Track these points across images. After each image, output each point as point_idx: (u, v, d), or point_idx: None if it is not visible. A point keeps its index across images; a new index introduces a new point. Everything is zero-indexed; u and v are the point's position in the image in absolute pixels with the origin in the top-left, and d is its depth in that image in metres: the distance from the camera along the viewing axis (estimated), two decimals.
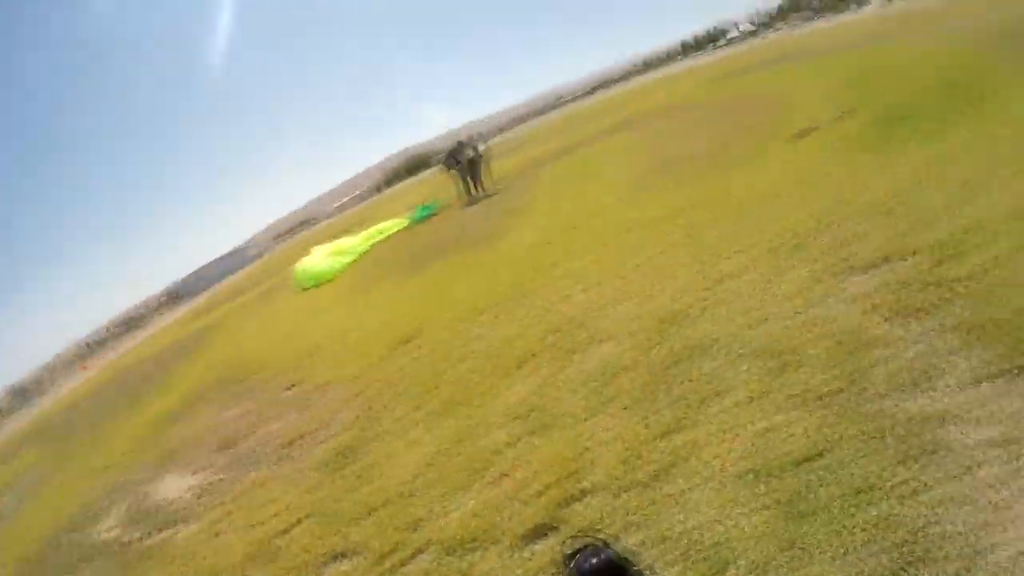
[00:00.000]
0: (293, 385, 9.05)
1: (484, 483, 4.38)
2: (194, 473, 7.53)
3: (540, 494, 3.94)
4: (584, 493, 3.79)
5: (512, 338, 6.72)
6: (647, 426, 4.07)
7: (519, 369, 5.90)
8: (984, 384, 3.36)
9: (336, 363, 9.01)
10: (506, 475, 4.33)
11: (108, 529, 7.17)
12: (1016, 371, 3.36)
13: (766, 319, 4.79)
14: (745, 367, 4.25)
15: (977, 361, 3.52)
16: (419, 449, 5.31)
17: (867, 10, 62.61)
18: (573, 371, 5.33)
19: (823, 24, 60.81)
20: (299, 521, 5.23)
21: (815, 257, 5.53)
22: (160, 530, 6.41)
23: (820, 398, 3.67)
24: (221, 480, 7.06)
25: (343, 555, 4.48)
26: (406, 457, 5.29)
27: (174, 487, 7.41)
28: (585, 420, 4.49)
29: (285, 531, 5.18)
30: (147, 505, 7.27)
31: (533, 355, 6.04)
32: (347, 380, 8.03)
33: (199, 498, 6.73)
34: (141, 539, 6.45)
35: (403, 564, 4.02)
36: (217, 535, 5.65)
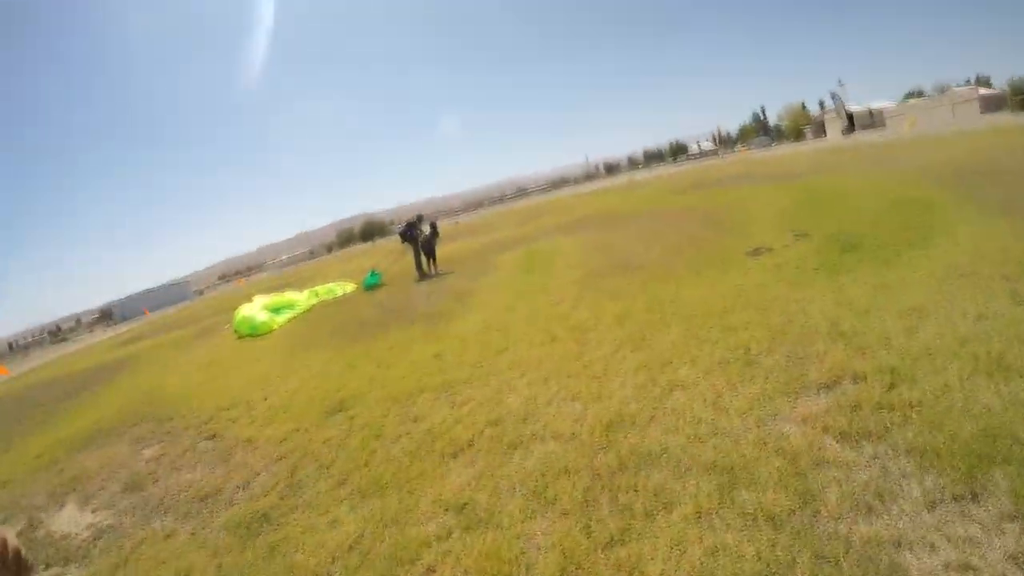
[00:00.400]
0: (214, 435, 8.55)
1: None
2: (95, 511, 6.91)
3: None
4: None
5: (451, 424, 6.42)
6: (589, 535, 3.82)
7: (455, 458, 5.60)
8: (939, 509, 3.33)
9: (262, 421, 8.57)
10: (433, 570, 3.99)
11: None
12: (970, 496, 3.36)
13: (716, 433, 4.65)
14: (694, 481, 4.07)
15: (931, 485, 3.50)
16: (341, 528, 4.92)
17: (820, 142, 65.98)
18: (513, 467, 5.06)
19: (780, 150, 63.73)
20: None
21: (766, 375, 5.47)
22: (48, 567, 5.79)
23: (772, 518, 3.51)
24: (122, 524, 6.53)
25: None
26: (326, 536, 4.89)
27: (71, 521, 6.78)
28: (523, 521, 4.21)
29: None
30: (40, 535, 6.61)
31: (471, 445, 5.77)
32: (271, 441, 7.60)
33: (96, 539, 6.12)
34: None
35: None
36: None
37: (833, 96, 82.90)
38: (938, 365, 4.86)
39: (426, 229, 21.53)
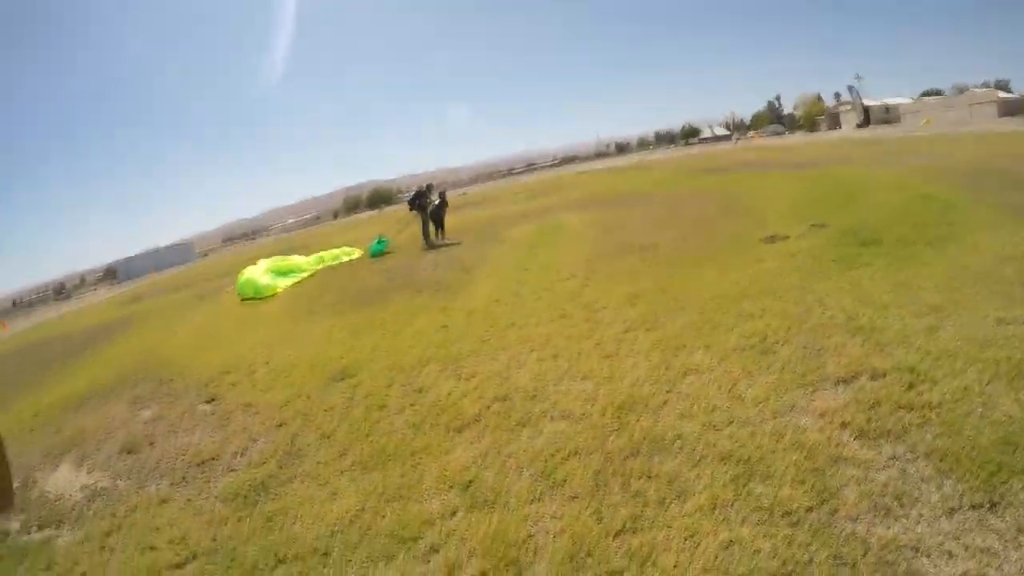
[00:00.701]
0: (213, 399, 8.46)
1: (411, 556, 3.89)
2: (90, 471, 6.83)
3: None
4: None
5: (457, 397, 6.29)
6: (599, 520, 3.72)
7: (461, 433, 5.47)
8: (957, 516, 3.24)
9: (263, 385, 8.46)
10: (436, 550, 3.87)
11: None
12: (988, 505, 3.27)
13: (731, 422, 4.54)
14: (709, 470, 3.97)
15: (950, 491, 3.41)
16: (341, 501, 4.80)
17: (834, 133, 65.44)
18: (521, 445, 4.94)
19: (793, 139, 63.17)
20: (195, 556, 4.64)
21: (783, 365, 5.35)
22: (41, 528, 5.70)
23: (788, 514, 3.42)
24: (117, 487, 6.46)
25: None
26: (325, 508, 4.77)
27: (66, 481, 6.70)
28: (531, 503, 4.10)
29: (177, 565, 4.60)
30: (33, 495, 6.52)
31: (478, 420, 5.63)
32: (271, 407, 7.48)
33: (90, 501, 6.03)
34: (20, 532, 5.73)
35: None
36: (102, 549, 5.01)
37: (850, 88, 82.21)
38: (958, 368, 4.73)
39: (435, 198, 21.39)
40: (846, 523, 3.30)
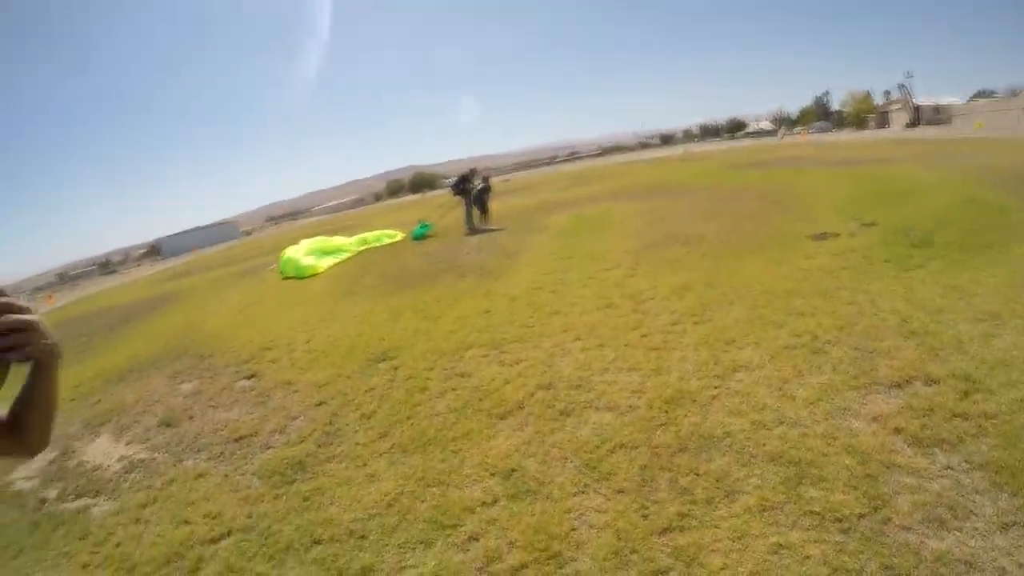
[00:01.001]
0: (253, 375, 8.55)
1: (449, 543, 3.87)
2: (128, 443, 6.96)
3: (514, 571, 3.48)
4: None
5: (500, 383, 6.27)
6: (645, 516, 3.67)
7: (504, 420, 5.44)
8: (1012, 531, 3.13)
9: (303, 364, 8.53)
10: (476, 539, 3.85)
11: (26, 479, 6.55)
12: None
13: (782, 422, 4.45)
14: (759, 470, 3.90)
15: (1006, 505, 3.30)
16: (380, 484, 4.81)
17: (883, 132, 64.17)
18: (565, 435, 4.89)
19: (841, 136, 62.04)
20: (230, 533, 4.68)
21: (834, 365, 5.24)
22: (78, 496, 5.81)
23: (840, 520, 3.34)
24: (155, 459, 6.55)
25: None
26: (364, 490, 4.78)
27: (104, 452, 6.84)
28: (574, 495, 4.05)
29: (212, 540, 4.63)
30: (72, 464, 6.66)
31: (521, 407, 5.60)
32: (311, 385, 7.54)
33: (128, 473, 6.14)
34: (57, 500, 5.86)
35: None
36: (137, 521, 5.08)
37: (900, 87, 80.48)
38: (1015, 378, 4.58)
39: (479, 183, 21.39)
40: (898, 532, 3.21)
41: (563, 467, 4.45)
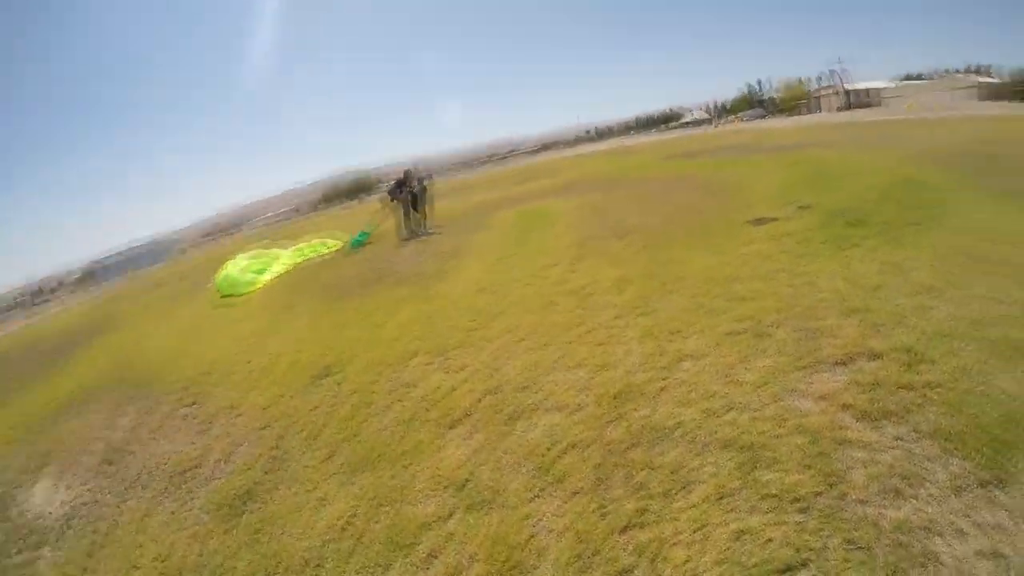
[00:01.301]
0: (194, 403, 8.23)
1: (408, 563, 3.75)
2: (68, 487, 6.61)
3: None
4: None
5: (446, 392, 6.13)
6: (604, 516, 3.60)
7: (453, 429, 5.31)
8: (965, 494, 3.22)
9: (244, 387, 8.24)
10: (435, 556, 3.73)
11: None
12: (996, 482, 3.27)
13: (731, 407, 4.45)
14: (712, 459, 3.87)
15: (957, 470, 3.39)
16: (331, 507, 4.65)
17: (815, 117, 65.68)
18: (515, 440, 4.80)
19: (774, 123, 63.25)
20: (180, 574, 4.51)
21: (778, 348, 5.28)
22: (20, 551, 5.49)
23: (797, 500, 3.36)
24: (97, 503, 6.31)
25: None
26: (315, 515, 4.61)
27: (44, 499, 6.45)
28: (530, 500, 3.96)
29: None
30: (11, 515, 6.32)
31: (469, 415, 5.48)
32: (254, 409, 7.28)
33: (71, 519, 5.80)
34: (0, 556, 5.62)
35: None
36: (84, 572, 4.83)
37: (832, 72, 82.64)
38: (955, 347, 4.72)
39: (415, 186, 21.13)
40: (856, 506, 3.25)
41: (517, 473, 4.36)
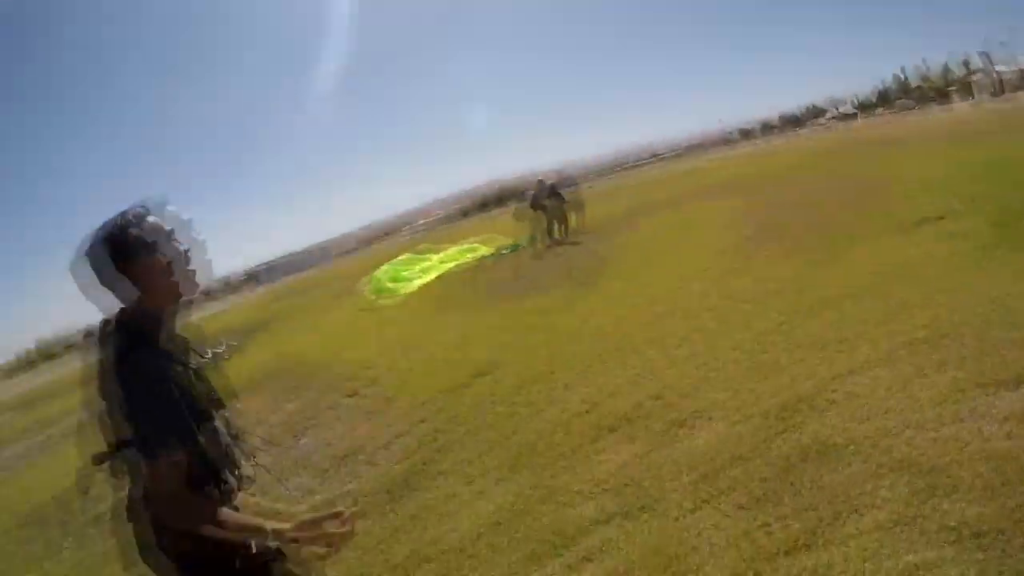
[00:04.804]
0: (355, 393, 8.56)
1: (562, 564, 3.60)
2: None
3: None
4: None
5: (605, 396, 5.92)
6: (768, 534, 3.31)
7: (612, 433, 5.11)
8: None
9: (402, 382, 8.48)
10: (590, 560, 3.55)
11: None
12: None
13: (907, 426, 3.99)
14: (887, 482, 3.48)
15: None
16: (487, 502, 4.60)
17: (968, 105, 60.27)
18: (678, 448, 4.53)
19: (926, 114, 58.75)
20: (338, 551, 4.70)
21: (958, 362, 4.67)
22: None
23: (978, 535, 2.93)
24: (259, 480, 6.58)
25: None
26: (471, 508, 4.59)
27: None
28: (692, 512, 3.70)
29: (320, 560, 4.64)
30: None
31: (629, 420, 5.24)
32: (412, 403, 7.44)
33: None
34: None
35: None
36: None
37: (984, 55, 75.67)
38: None
39: (558, 195, 20.96)
40: None
41: (678, 482, 4.10)
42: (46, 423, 16.95)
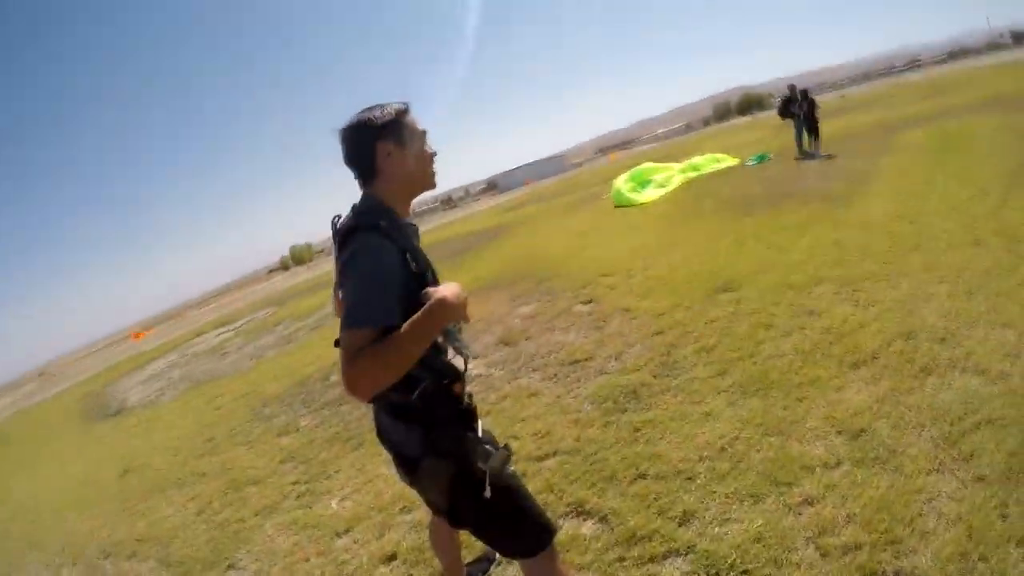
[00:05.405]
0: (590, 301, 8.53)
1: (781, 501, 3.39)
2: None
3: (846, 550, 2.91)
4: None
5: (854, 327, 5.37)
6: (1004, 517, 2.84)
7: (856, 370, 4.65)
8: None
9: (640, 291, 8.27)
10: (811, 503, 3.30)
11: None
12: None
13: None
14: None
15: None
16: (714, 425, 4.40)
17: None
18: (924, 398, 4.01)
19: None
20: (555, 453, 4.69)
21: None
22: None
23: None
24: (491, 375, 6.78)
25: (587, 515, 3.83)
26: (697, 429, 4.41)
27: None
28: (928, 473, 3.29)
29: (537, 459, 4.69)
30: None
31: (876, 358, 4.74)
32: (649, 314, 7.26)
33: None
34: None
35: (651, 561, 3.25)
36: None
37: None
38: None
39: (806, 104, 19.10)
40: None
41: (918, 436, 3.66)
42: (298, 317, 18.77)
